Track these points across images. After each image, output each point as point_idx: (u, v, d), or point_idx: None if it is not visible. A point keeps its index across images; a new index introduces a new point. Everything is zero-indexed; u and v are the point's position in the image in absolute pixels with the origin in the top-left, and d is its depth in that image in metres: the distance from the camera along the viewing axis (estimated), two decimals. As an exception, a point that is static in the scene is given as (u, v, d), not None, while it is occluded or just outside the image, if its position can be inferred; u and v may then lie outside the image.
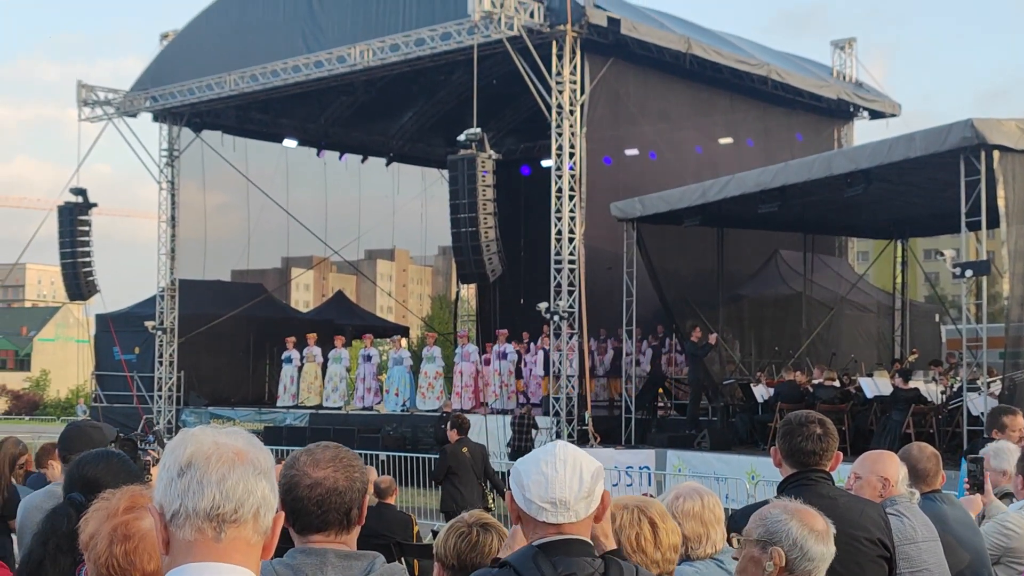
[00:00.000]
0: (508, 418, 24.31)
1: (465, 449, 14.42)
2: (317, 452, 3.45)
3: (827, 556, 3.59)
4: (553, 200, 25.03)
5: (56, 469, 6.54)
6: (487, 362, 27.86)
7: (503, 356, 27.35)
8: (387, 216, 37.89)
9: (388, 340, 34.85)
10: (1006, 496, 6.62)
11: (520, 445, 22.81)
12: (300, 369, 31.05)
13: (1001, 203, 17.78)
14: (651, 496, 4.81)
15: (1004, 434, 7.55)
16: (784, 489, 4.86)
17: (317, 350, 30.80)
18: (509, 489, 3.28)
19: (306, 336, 31.23)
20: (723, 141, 28.98)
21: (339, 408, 30.06)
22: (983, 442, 8.03)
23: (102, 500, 3.16)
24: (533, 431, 23.43)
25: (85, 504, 3.47)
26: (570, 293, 24.75)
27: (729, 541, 4.42)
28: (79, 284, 32.02)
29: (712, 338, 23.65)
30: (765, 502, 4.44)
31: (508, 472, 3.48)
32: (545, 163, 28.68)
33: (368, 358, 30.43)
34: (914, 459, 6.00)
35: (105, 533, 3.05)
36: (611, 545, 3.35)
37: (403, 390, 29.04)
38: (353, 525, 3.39)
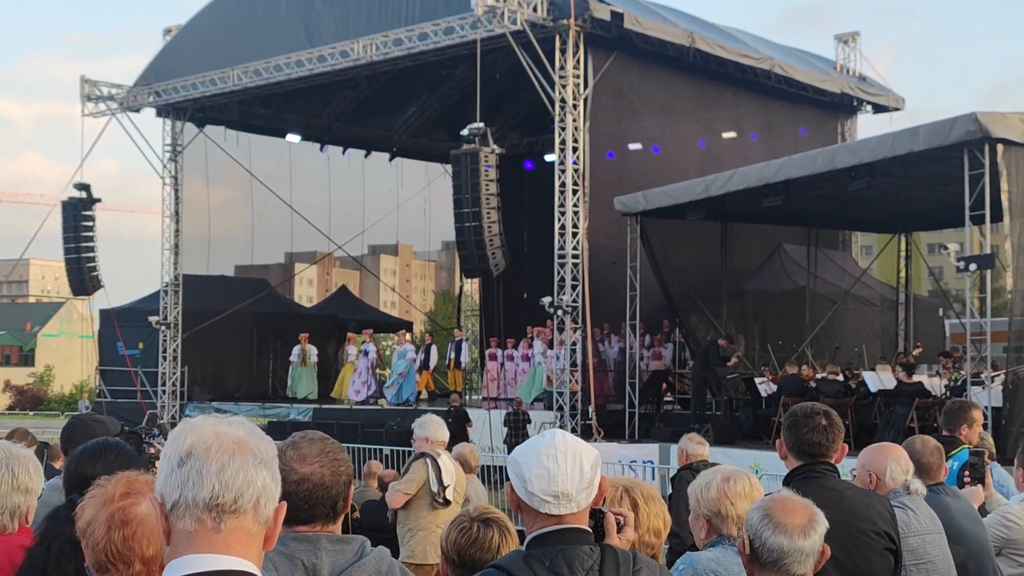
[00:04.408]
0: (502, 415, 24.39)
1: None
2: (303, 446, 3.44)
3: (792, 550, 3.54)
4: (556, 195, 25.01)
5: (61, 463, 6.52)
6: (510, 358, 28.20)
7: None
8: (390, 211, 37.84)
9: (393, 335, 35.11)
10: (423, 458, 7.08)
11: (516, 441, 22.85)
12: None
13: (1004, 197, 17.74)
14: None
15: (971, 428, 7.48)
16: (790, 482, 4.83)
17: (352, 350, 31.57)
18: (509, 480, 3.27)
19: (347, 336, 31.68)
20: (726, 135, 28.93)
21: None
22: (943, 439, 7.93)
23: (98, 487, 3.14)
24: (527, 426, 23.46)
25: None
26: (574, 288, 24.73)
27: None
28: (83, 279, 32.03)
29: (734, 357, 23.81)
30: None
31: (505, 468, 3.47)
32: (548, 157, 28.68)
33: (367, 353, 30.55)
34: (917, 453, 5.99)
35: (102, 520, 3.04)
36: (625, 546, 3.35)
37: (399, 382, 29.28)
38: (339, 515, 3.39)
